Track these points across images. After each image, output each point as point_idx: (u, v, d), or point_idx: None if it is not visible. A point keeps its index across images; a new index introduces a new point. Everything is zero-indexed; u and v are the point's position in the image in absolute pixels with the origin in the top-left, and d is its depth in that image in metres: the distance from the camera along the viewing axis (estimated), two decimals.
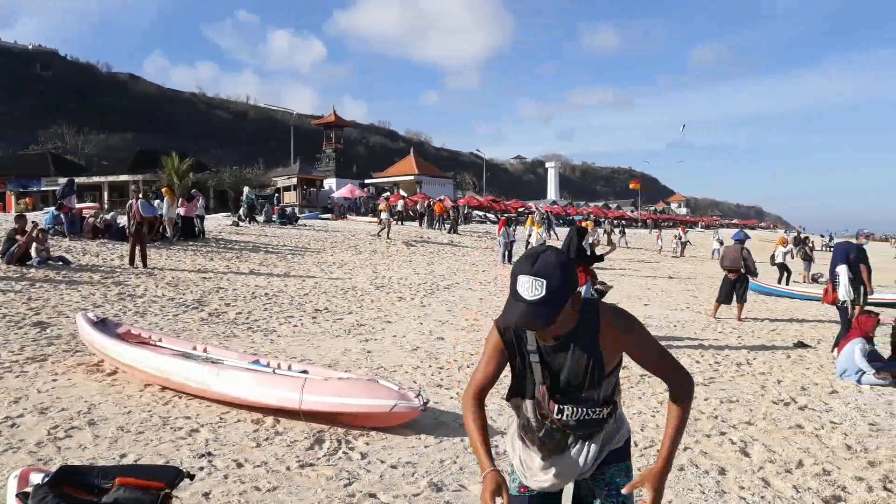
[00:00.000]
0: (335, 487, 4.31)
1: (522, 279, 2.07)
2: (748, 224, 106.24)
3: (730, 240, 14.31)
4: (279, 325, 9.96)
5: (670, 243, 36.91)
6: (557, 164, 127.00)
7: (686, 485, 4.50)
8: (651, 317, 12.90)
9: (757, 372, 8.29)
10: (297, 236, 25.15)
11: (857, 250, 9.81)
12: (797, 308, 15.30)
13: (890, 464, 5.11)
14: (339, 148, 56.61)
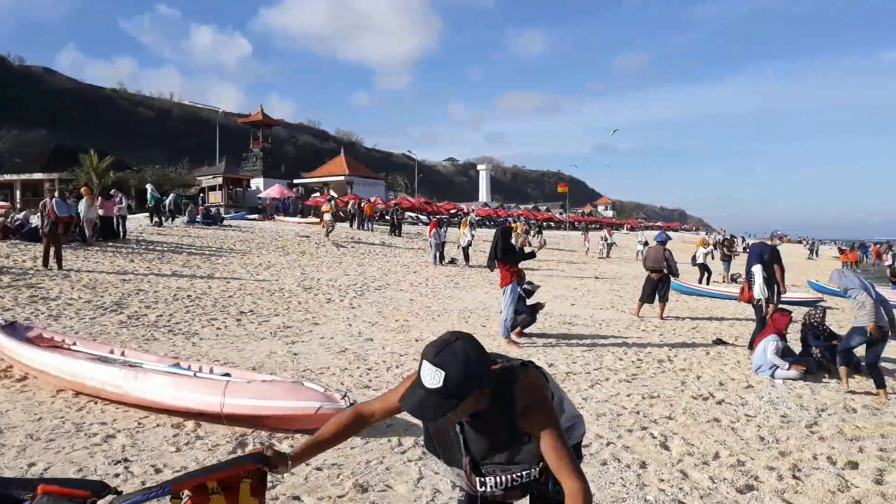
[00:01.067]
0: None
1: (425, 365, 2.02)
2: (671, 226, 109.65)
3: (653, 241, 14.73)
4: (202, 327, 9.68)
5: (597, 245, 37.74)
6: (489, 167, 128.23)
7: (608, 479, 4.59)
8: (577, 316, 13.16)
9: (678, 368, 8.55)
10: (223, 237, 24.54)
11: (770, 251, 10.24)
12: (717, 307, 15.88)
13: (799, 453, 5.35)
14: (266, 147, 55.49)
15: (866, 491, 4.59)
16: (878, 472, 4.96)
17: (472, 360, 2.02)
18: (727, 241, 29.83)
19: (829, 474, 4.87)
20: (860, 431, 6.07)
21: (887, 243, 50.58)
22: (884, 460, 5.26)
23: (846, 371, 7.97)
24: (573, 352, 9.32)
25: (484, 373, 2.06)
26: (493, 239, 9.91)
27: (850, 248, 47.91)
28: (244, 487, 2.27)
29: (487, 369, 2.09)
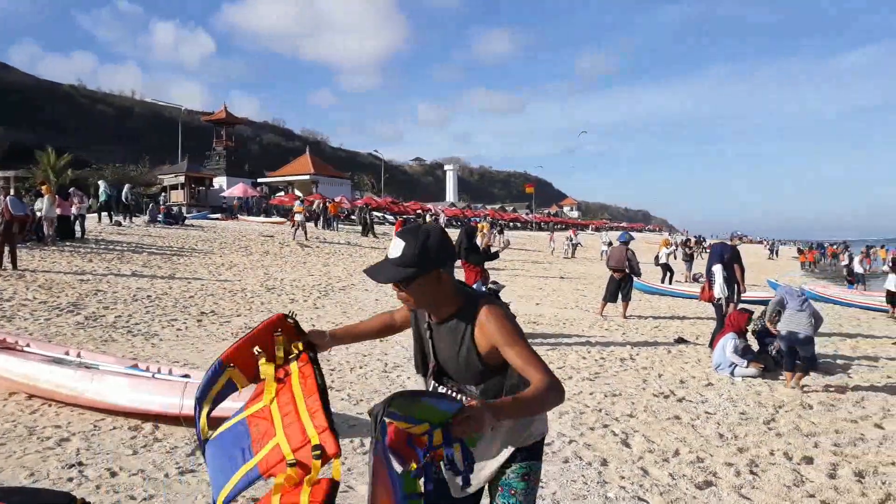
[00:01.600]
0: (207, 490, 4.16)
1: (393, 240, 2.23)
2: (635, 227, 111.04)
3: (616, 241, 14.89)
4: (162, 328, 9.51)
5: (562, 245, 38.04)
6: (456, 167, 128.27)
7: (570, 476, 4.62)
8: (542, 315, 13.24)
9: (640, 367, 8.65)
10: (184, 237, 24.16)
11: (731, 251, 10.42)
12: (679, 306, 16.11)
13: (756, 449, 5.45)
14: (230, 146, 54.69)
15: (820, 485, 4.69)
16: (831, 467, 5.07)
17: (433, 239, 2.20)
18: (693, 241, 30.30)
19: (786, 469, 4.97)
20: (816, 427, 6.20)
21: (843, 244, 51.90)
22: (837, 455, 5.38)
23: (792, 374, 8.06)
24: (537, 351, 9.34)
25: (442, 254, 2.21)
26: (458, 238, 9.93)
27: (809, 248, 49.04)
28: (279, 339, 2.37)
29: (447, 254, 2.24)
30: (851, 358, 9.98)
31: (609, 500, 4.26)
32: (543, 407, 2.14)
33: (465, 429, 1.91)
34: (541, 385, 2.08)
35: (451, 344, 2.31)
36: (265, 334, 2.43)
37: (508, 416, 2.06)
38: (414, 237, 2.19)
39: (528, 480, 2.35)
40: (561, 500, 4.21)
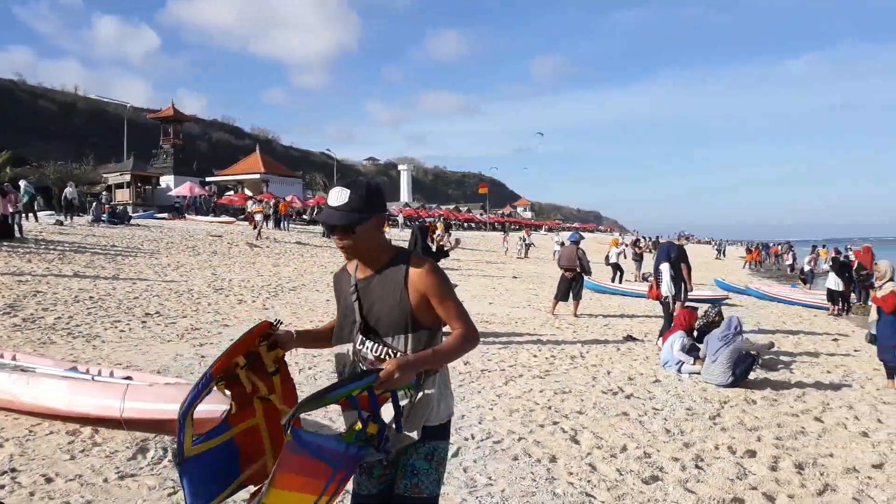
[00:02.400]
0: (158, 497, 4.05)
1: (333, 190, 2.41)
2: (587, 227, 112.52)
3: (568, 241, 15.03)
4: (104, 329, 9.23)
5: (515, 245, 38.29)
6: (410, 167, 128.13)
7: (518, 474, 4.62)
8: (494, 314, 13.28)
9: (589, 364, 8.73)
10: (129, 236, 23.54)
11: (677, 250, 10.61)
12: (628, 304, 16.36)
13: (702, 444, 5.54)
14: (177, 144, 53.47)
15: (762, 477, 4.79)
16: (773, 460, 5.19)
17: (373, 186, 2.43)
18: (651, 243, 30.79)
19: (730, 463, 5.06)
20: (759, 422, 6.34)
21: (787, 244, 53.55)
22: (779, 448, 5.51)
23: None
24: (489, 349, 9.38)
25: (381, 200, 2.44)
26: (412, 237, 9.87)
27: (755, 248, 50.39)
28: (262, 350, 2.49)
29: (384, 202, 2.47)
30: (794, 354, 10.27)
31: (557, 496, 4.27)
32: (459, 354, 2.39)
33: (388, 386, 2.16)
34: (461, 335, 2.36)
35: (385, 294, 2.41)
36: (251, 343, 2.51)
37: (429, 364, 2.29)
38: (357, 185, 2.39)
39: (431, 461, 2.40)
40: (509, 498, 4.21)
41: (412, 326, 2.39)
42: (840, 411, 6.88)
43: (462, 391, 6.97)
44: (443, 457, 2.45)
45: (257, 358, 2.52)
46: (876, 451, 5.54)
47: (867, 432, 6.14)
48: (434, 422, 2.40)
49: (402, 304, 2.38)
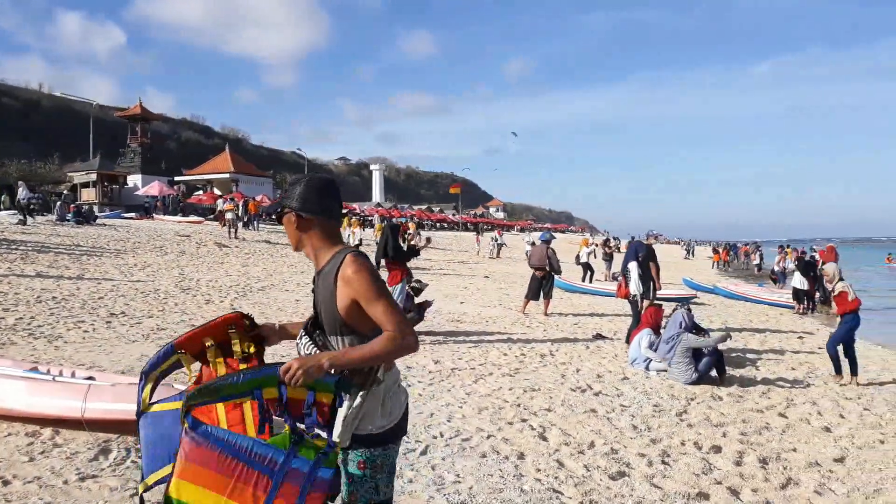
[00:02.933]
0: (119, 498, 3.98)
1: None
2: (559, 227, 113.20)
3: (538, 240, 15.09)
4: (67, 330, 9.04)
5: (488, 245, 38.38)
6: (382, 167, 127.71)
7: (486, 471, 4.62)
8: (465, 314, 13.28)
9: (559, 362, 8.77)
10: (95, 236, 23.11)
11: (646, 249, 10.71)
12: (598, 303, 16.46)
13: (669, 440, 5.59)
14: (145, 142, 52.63)
15: (727, 472, 4.85)
16: (738, 455, 5.26)
17: (313, 184, 2.47)
18: (615, 243, 31.07)
19: (695, 458, 5.11)
20: (724, 418, 6.42)
21: (755, 244, 54.39)
22: (744, 443, 5.58)
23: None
24: (460, 348, 9.38)
25: (315, 199, 2.43)
26: (383, 235, 9.84)
27: (723, 248, 51.08)
28: (233, 334, 2.61)
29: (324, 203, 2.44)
30: (759, 351, 10.42)
31: (524, 492, 4.27)
32: (382, 358, 2.29)
33: (294, 379, 2.19)
34: (387, 337, 2.27)
35: (324, 293, 2.40)
36: (219, 329, 2.64)
37: (339, 364, 2.24)
38: (302, 179, 2.50)
39: (363, 469, 2.36)
40: (477, 495, 4.20)
41: (341, 329, 2.37)
42: (804, 407, 6.99)
43: (432, 390, 6.95)
44: (380, 464, 2.37)
45: (229, 345, 2.65)
46: (838, 446, 5.65)
47: (829, 427, 6.25)
48: (367, 430, 2.35)
49: (332, 306, 2.35)
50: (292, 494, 2.21)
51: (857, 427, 6.31)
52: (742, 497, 4.41)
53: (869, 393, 7.86)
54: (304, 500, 2.21)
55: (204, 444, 2.19)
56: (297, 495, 2.21)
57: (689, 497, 4.32)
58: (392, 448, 2.43)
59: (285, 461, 2.23)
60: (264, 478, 2.20)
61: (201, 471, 2.19)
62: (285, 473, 2.22)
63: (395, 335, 2.27)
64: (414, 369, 7.90)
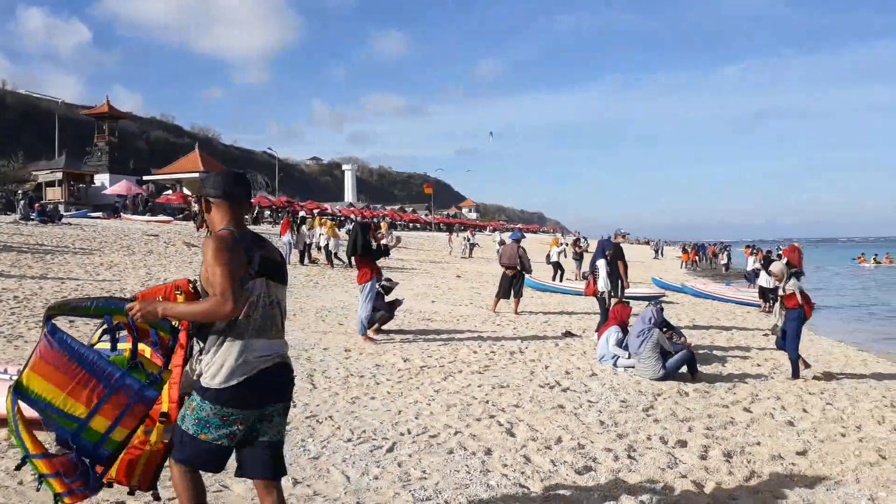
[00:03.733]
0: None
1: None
2: (531, 228, 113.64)
3: (508, 239, 15.12)
4: (28, 329, 8.84)
5: (460, 245, 38.40)
6: (354, 167, 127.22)
7: (453, 467, 4.60)
8: (436, 312, 13.26)
9: (528, 359, 8.79)
10: (60, 235, 22.66)
11: (614, 248, 10.79)
12: (568, 302, 16.54)
13: (635, 435, 5.62)
14: (113, 141, 51.78)
15: (692, 466, 4.89)
16: (703, 449, 5.30)
17: (220, 175, 3.01)
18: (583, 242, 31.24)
19: (661, 453, 5.14)
20: (690, 413, 6.47)
21: (722, 244, 55.18)
22: (709, 438, 5.63)
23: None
24: (430, 346, 9.36)
25: (219, 185, 2.92)
26: (352, 234, 9.78)
27: (692, 248, 51.72)
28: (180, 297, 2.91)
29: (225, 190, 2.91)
30: (726, 348, 10.55)
31: (490, 487, 4.26)
32: (196, 316, 2.73)
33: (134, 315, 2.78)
34: (208, 301, 2.68)
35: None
36: (169, 292, 2.97)
37: (175, 315, 2.78)
38: (216, 171, 3.03)
39: (190, 410, 2.79)
40: (443, 491, 4.18)
41: (205, 292, 2.76)
42: (768, 402, 7.08)
43: (400, 387, 6.92)
44: (198, 413, 2.76)
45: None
46: (800, 439, 5.72)
47: (793, 421, 6.34)
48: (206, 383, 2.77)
49: (202, 271, 2.77)
50: (120, 404, 2.83)
51: (819, 421, 6.41)
52: (706, 490, 4.44)
53: (831, 388, 7.99)
54: (127, 410, 2.84)
55: (57, 348, 2.79)
56: (123, 406, 2.83)
57: (654, 491, 4.34)
58: (220, 409, 2.75)
59: (120, 377, 2.84)
60: (100, 385, 2.81)
61: (50, 369, 2.79)
62: (119, 387, 2.83)
63: (217, 299, 2.63)
64: (383, 367, 7.87)
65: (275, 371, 2.85)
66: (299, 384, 6.84)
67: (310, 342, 9.26)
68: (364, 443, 5.06)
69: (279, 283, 2.94)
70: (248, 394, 2.76)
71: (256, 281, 2.81)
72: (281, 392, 2.92)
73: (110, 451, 2.90)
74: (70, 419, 2.82)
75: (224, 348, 2.76)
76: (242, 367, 2.75)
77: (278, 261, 2.98)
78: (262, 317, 2.83)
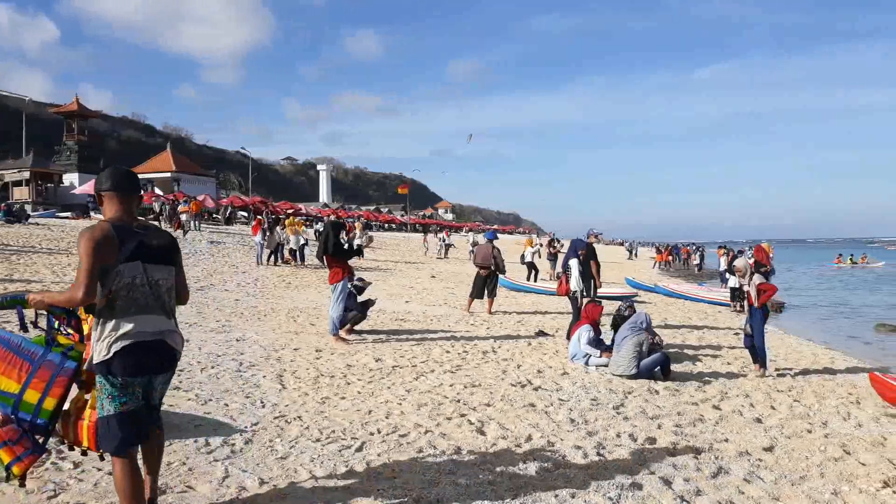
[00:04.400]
0: (37, 500, 3.81)
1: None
2: (506, 229, 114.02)
3: (483, 239, 15.13)
4: None
5: (435, 246, 38.40)
6: (329, 168, 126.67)
7: (422, 466, 4.56)
8: (410, 312, 13.22)
9: (501, 358, 8.78)
10: (26, 236, 22.24)
11: (587, 247, 10.82)
12: (542, 302, 16.60)
13: (605, 432, 5.63)
14: (83, 140, 50.97)
15: (660, 463, 4.90)
16: (671, 445, 5.33)
17: (107, 170, 3.38)
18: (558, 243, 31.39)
19: (630, 450, 5.16)
20: (660, 410, 6.50)
21: (695, 245, 55.78)
22: (678, 435, 5.66)
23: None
24: (402, 346, 9.32)
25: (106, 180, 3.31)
26: (323, 233, 9.70)
27: (665, 249, 52.20)
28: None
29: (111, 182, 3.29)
30: (697, 347, 10.64)
31: (459, 486, 4.23)
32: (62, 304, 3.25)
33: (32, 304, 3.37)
34: (68, 290, 3.15)
35: None
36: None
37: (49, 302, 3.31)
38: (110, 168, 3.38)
39: (99, 394, 3.24)
40: (411, 489, 4.13)
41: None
42: (737, 399, 7.14)
43: (371, 387, 6.87)
44: (100, 387, 3.22)
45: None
46: (768, 436, 5.78)
47: (760, 418, 6.40)
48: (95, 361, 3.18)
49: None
50: (45, 378, 3.31)
51: (787, 418, 6.48)
52: (674, 486, 4.45)
53: (799, 386, 8.09)
54: (53, 382, 3.31)
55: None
56: (48, 378, 3.31)
57: (622, 487, 4.35)
58: (111, 378, 3.16)
59: (43, 354, 3.37)
60: (27, 364, 3.32)
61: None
62: (41, 363, 3.33)
63: (71, 289, 3.12)
64: (354, 367, 7.81)
65: (154, 345, 3.23)
66: (268, 385, 6.77)
67: (280, 342, 9.17)
68: (333, 443, 5.01)
69: (158, 264, 3.29)
70: (129, 363, 3.16)
71: (129, 265, 3.16)
72: (162, 364, 3.32)
73: (45, 420, 3.34)
74: (7, 396, 3.30)
75: (104, 326, 3.16)
76: (120, 339, 3.14)
77: (157, 245, 3.31)
78: (139, 295, 3.20)
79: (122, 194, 3.28)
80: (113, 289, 3.13)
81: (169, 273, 3.35)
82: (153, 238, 3.29)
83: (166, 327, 3.31)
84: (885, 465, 5.11)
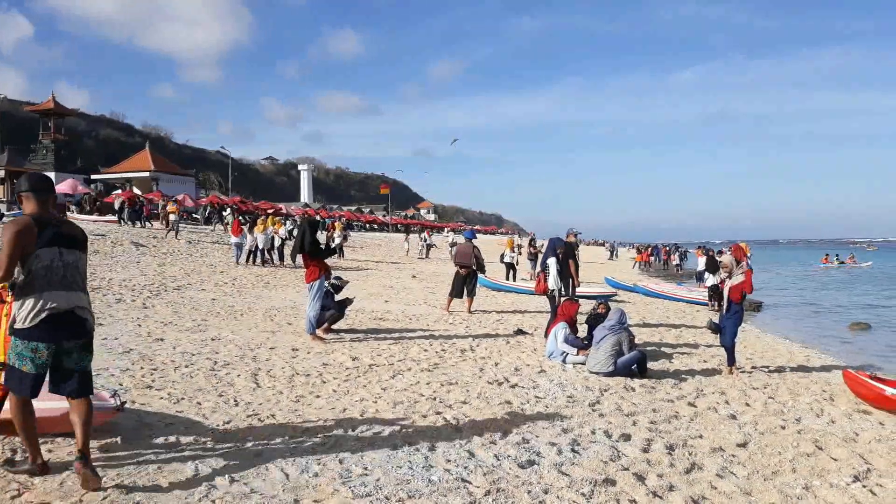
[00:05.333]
0: (7, 499, 3.71)
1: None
2: (489, 230, 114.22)
3: (462, 238, 15.10)
4: None
5: (416, 246, 38.34)
6: (310, 167, 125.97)
7: (396, 463, 4.53)
8: (389, 312, 13.17)
9: (478, 357, 8.77)
10: None
11: (565, 246, 10.84)
12: (521, 301, 16.60)
13: (580, 429, 5.63)
14: (59, 139, 50.30)
15: (634, 459, 4.91)
16: (646, 442, 5.33)
17: (28, 175, 4.08)
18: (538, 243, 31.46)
19: (604, 446, 5.16)
20: (636, 407, 6.52)
21: (675, 245, 56.19)
22: (652, 431, 5.68)
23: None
24: (380, 345, 9.27)
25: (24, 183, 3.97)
26: (300, 231, 9.62)
27: (645, 249, 52.50)
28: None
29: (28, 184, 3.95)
30: (674, 345, 10.70)
31: (432, 482, 4.21)
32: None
33: None
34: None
35: None
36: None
37: None
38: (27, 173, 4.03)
39: (10, 348, 3.87)
40: (384, 486, 4.11)
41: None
42: (712, 396, 7.18)
43: (347, 385, 6.83)
44: (11, 344, 3.87)
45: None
46: (741, 432, 5.81)
47: (735, 415, 6.44)
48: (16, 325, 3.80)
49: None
50: None
51: (761, 414, 6.53)
52: (647, 483, 4.46)
53: (774, 383, 8.16)
54: None
55: None
56: None
57: (595, 483, 4.34)
58: (28, 343, 3.78)
59: None
60: None
61: None
62: None
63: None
64: (330, 366, 7.76)
65: (65, 315, 3.86)
66: (242, 383, 6.70)
67: (256, 341, 9.09)
68: (306, 441, 4.96)
69: (71, 249, 3.95)
70: (44, 330, 3.78)
71: (46, 250, 3.81)
72: (73, 331, 3.92)
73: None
74: None
75: (25, 300, 3.77)
76: (38, 311, 3.76)
77: (70, 234, 4.00)
78: (54, 275, 3.83)
79: (37, 194, 3.93)
80: (33, 269, 3.77)
81: (79, 257, 4.02)
82: (68, 230, 4.03)
83: (77, 302, 3.93)
84: (857, 461, 5.16)
